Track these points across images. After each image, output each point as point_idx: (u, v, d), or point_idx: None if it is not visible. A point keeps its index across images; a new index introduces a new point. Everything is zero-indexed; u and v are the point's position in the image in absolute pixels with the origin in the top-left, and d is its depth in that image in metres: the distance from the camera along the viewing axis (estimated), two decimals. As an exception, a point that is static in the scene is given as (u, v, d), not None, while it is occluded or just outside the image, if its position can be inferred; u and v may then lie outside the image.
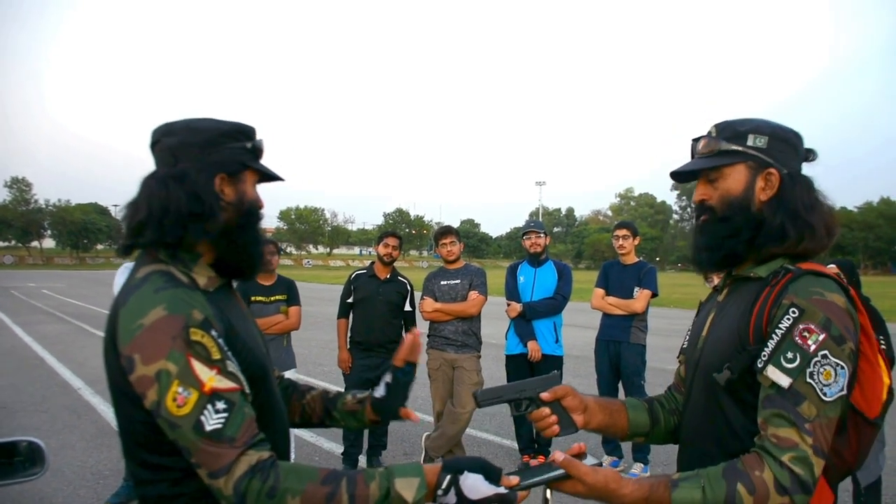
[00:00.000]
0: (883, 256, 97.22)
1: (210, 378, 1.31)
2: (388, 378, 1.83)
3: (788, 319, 1.43)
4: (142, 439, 1.40)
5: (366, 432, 5.63)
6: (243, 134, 1.58)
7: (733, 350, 1.54)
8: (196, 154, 1.50)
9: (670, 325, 15.58)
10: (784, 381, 1.40)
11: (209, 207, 1.47)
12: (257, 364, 1.52)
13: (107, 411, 7.43)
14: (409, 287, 5.82)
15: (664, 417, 1.89)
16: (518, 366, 5.69)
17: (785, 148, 1.61)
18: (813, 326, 1.41)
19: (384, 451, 5.77)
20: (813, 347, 1.40)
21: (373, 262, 5.89)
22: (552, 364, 5.56)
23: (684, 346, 1.91)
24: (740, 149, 1.60)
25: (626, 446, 5.81)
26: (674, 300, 25.14)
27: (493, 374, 8.02)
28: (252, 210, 1.59)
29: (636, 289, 5.73)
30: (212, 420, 1.29)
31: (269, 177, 1.65)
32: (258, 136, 1.62)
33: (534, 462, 1.51)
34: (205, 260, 1.53)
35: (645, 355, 5.76)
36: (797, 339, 1.41)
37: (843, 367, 1.41)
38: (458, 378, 5.45)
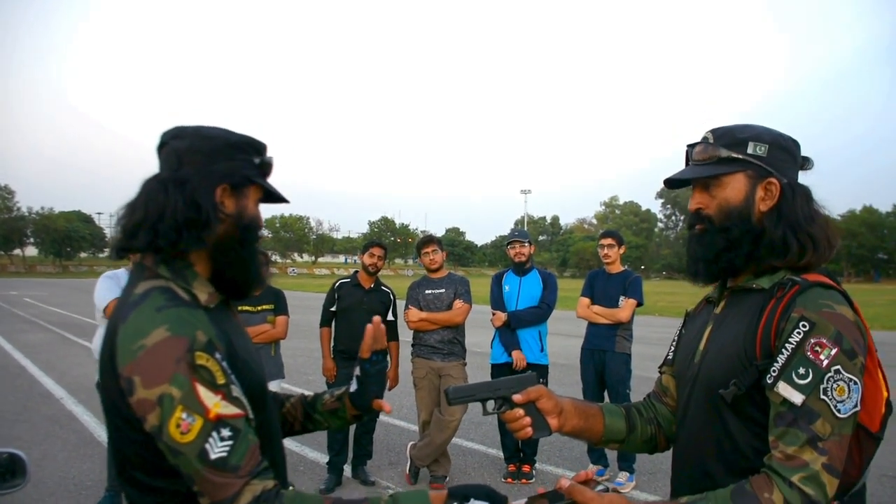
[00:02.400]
0: (866, 264, 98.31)
1: (215, 404, 1.25)
2: (357, 371, 1.79)
3: (799, 333, 1.39)
4: (137, 461, 1.35)
5: (351, 442, 5.61)
6: (253, 148, 1.54)
7: (739, 365, 1.48)
8: (201, 161, 1.45)
9: (655, 333, 15.62)
10: (797, 397, 1.36)
11: (206, 215, 1.42)
12: (256, 383, 1.47)
13: (90, 421, 7.37)
14: (392, 297, 5.83)
15: (640, 426, 1.84)
16: (503, 375, 5.65)
17: (785, 156, 1.57)
18: (825, 341, 1.37)
19: (370, 461, 5.74)
20: (825, 363, 1.35)
21: (357, 272, 5.88)
22: (538, 373, 5.54)
23: (669, 357, 1.88)
24: (740, 157, 1.55)
25: (612, 455, 5.81)
26: (659, 308, 25.24)
27: (479, 382, 8.01)
28: (251, 226, 1.53)
29: (621, 298, 5.74)
30: (217, 448, 1.24)
31: (274, 197, 1.61)
32: (269, 154, 1.59)
33: (535, 492, 1.47)
34: (202, 274, 1.48)
35: (630, 364, 5.77)
36: (809, 353, 1.37)
37: (855, 383, 1.37)
38: (445, 386, 5.43)
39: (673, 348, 1.88)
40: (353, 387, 1.79)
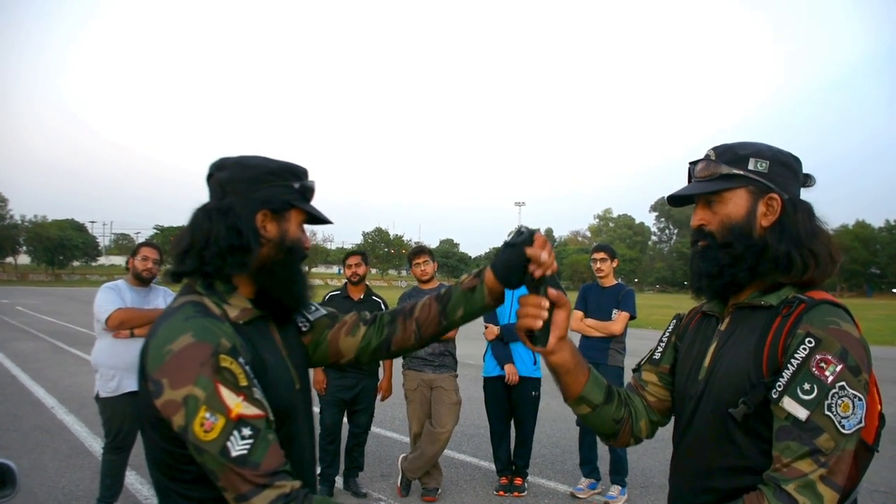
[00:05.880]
0: (858, 279, 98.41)
1: (237, 404, 1.33)
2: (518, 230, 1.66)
3: (804, 349, 1.40)
4: (164, 467, 1.44)
5: (342, 455, 5.60)
6: (292, 174, 1.62)
7: (748, 384, 1.49)
8: (243, 189, 1.54)
9: (648, 346, 15.56)
10: (801, 412, 1.37)
11: (247, 241, 1.51)
12: (282, 399, 1.53)
13: (81, 430, 7.33)
14: (383, 307, 5.81)
15: (616, 404, 1.81)
16: (496, 388, 5.69)
17: (786, 173, 1.58)
18: (830, 357, 1.37)
19: (361, 473, 5.73)
20: (830, 379, 1.36)
21: (346, 283, 5.89)
22: (531, 386, 5.57)
23: (656, 357, 1.91)
24: (741, 173, 1.56)
25: (604, 469, 5.80)
26: (652, 322, 25.23)
27: (472, 394, 8.00)
28: (294, 248, 1.61)
29: (614, 311, 5.75)
30: (238, 446, 1.31)
31: (318, 218, 1.68)
32: (309, 178, 1.67)
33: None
34: (243, 293, 1.57)
35: (623, 377, 5.76)
36: (814, 369, 1.37)
37: (860, 399, 1.37)
38: (436, 398, 5.45)
39: (661, 349, 1.90)
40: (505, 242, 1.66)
